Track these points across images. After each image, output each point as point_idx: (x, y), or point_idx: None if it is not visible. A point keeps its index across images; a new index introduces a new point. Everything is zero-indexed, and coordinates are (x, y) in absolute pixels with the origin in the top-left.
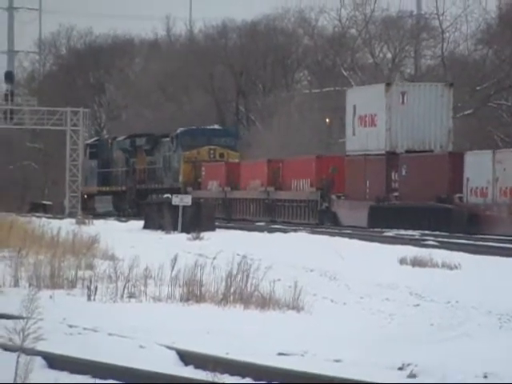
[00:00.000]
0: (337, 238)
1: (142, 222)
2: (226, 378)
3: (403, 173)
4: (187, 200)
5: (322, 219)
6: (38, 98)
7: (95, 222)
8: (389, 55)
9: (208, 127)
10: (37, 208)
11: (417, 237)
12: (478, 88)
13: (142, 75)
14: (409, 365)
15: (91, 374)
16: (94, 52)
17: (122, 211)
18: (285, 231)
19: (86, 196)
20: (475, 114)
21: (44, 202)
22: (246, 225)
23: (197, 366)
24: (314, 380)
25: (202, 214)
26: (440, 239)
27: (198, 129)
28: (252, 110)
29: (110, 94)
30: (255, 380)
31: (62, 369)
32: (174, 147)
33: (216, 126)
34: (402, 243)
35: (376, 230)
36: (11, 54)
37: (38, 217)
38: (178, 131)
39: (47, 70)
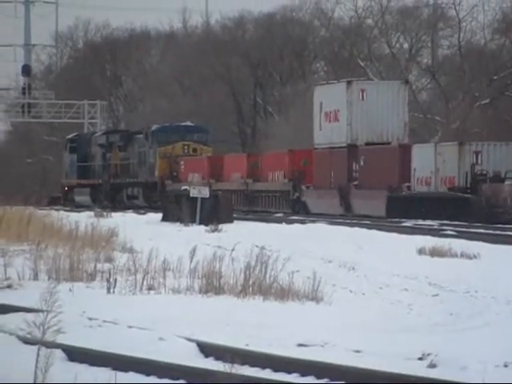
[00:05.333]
0: (356, 229)
1: (160, 215)
2: (246, 369)
3: (361, 163)
4: (205, 192)
5: (294, 208)
6: (55, 91)
7: (113, 214)
8: (405, 45)
9: (181, 124)
10: (55, 201)
11: (435, 227)
12: (495, 77)
13: (158, 67)
14: (429, 355)
15: (111, 367)
16: (111, 45)
17: (98, 203)
18: (303, 222)
19: (66, 188)
20: (492, 104)
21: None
22: (264, 216)
23: (217, 358)
24: (335, 370)
25: (220, 205)
26: (459, 229)
27: (172, 125)
28: (269, 102)
29: (127, 87)
30: (275, 371)
31: (81, 361)
32: (149, 143)
33: (189, 123)
34: (421, 233)
35: (394, 220)
36: (28, 47)
37: (56, 210)
38: (153, 128)
39: (64, 64)
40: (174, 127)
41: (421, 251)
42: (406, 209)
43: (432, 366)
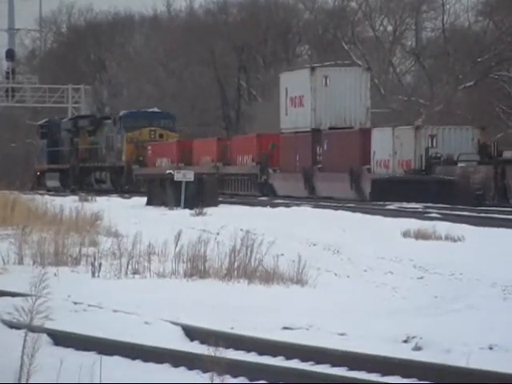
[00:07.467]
0: (340, 212)
1: (145, 199)
2: (231, 352)
3: (325, 147)
4: (190, 176)
5: (262, 190)
6: (39, 75)
7: (98, 198)
8: (389, 28)
9: (148, 110)
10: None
11: (420, 209)
12: (479, 60)
13: (142, 52)
14: (413, 337)
15: (97, 351)
16: (95, 29)
17: (67, 187)
18: (287, 206)
19: (38, 173)
20: (476, 86)
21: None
22: (249, 200)
23: (202, 342)
24: (320, 353)
25: (205, 189)
26: (443, 211)
27: (140, 111)
28: (253, 85)
29: (112, 71)
30: (260, 354)
31: (67, 346)
32: (116, 128)
33: (155, 109)
34: (405, 216)
35: (379, 203)
36: (12, 31)
37: (40, 194)
38: (121, 113)
39: (48, 48)
40: (142, 113)
41: (405, 234)
42: (389, 191)
43: (417, 348)
